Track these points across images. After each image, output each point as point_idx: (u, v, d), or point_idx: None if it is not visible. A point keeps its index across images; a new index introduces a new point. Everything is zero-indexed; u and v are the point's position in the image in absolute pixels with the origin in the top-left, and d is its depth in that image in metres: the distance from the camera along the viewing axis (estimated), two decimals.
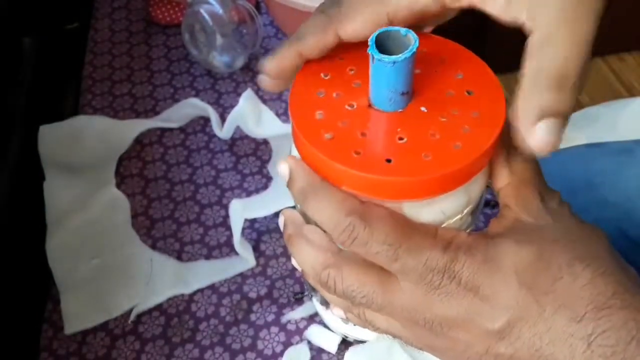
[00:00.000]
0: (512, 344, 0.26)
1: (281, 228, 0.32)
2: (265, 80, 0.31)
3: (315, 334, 0.45)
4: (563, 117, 0.25)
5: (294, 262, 0.32)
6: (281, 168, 0.29)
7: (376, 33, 0.27)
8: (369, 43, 0.27)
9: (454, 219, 0.30)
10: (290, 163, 0.29)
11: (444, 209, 0.29)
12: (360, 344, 0.43)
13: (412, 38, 0.27)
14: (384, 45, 0.27)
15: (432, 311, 0.27)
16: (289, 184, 0.29)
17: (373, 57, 0.27)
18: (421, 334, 0.28)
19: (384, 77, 0.27)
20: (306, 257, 0.29)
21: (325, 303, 0.42)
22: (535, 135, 0.25)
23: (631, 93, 1.21)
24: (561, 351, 0.25)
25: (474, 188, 0.29)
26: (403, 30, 0.27)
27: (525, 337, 0.26)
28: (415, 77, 0.28)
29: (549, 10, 0.25)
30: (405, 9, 0.29)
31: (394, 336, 0.30)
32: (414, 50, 0.26)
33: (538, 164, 0.29)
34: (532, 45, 0.26)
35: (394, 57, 0.26)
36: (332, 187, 0.27)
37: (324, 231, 0.29)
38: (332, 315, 0.41)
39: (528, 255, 0.26)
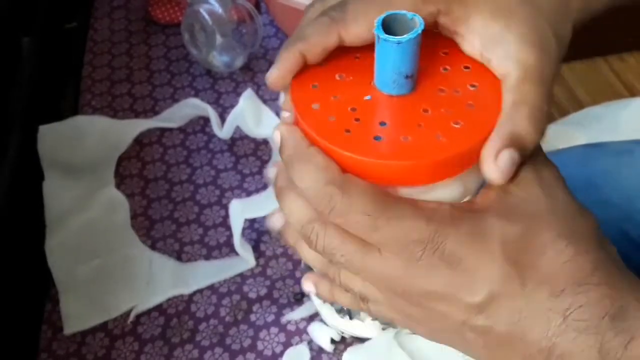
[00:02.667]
0: (490, 316, 0.26)
1: (269, 177, 0.31)
2: (272, 85, 0.31)
3: (313, 330, 0.45)
4: (527, 151, 0.27)
5: (276, 217, 0.32)
6: (274, 134, 0.29)
7: (383, 15, 0.27)
8: (376, 24, 0.27)
9: None
10: (281, 130, 0.29)
11: (439, 197, 0.29)
12: (359, 344, 0.43)
13: (418, 21, 0.27)
14: (390, 28, 0.27)
15: (412, 282, 0.27)
16: (280, 151, 0.29)
17: (378, 37, 0.27)
18: (397, 302, 0.28)
19: (388, 57, 0.27)
20: (294, 209, 0.29)
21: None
22: (500, 160, 0.27)
23: (632, 93, 1.21)
24: (538, 324, 0.26)
25: (471, 179, 0.29)
26: (409, 13, 0.27)
27: (504, 311, 0.26)
28: (420, 66, 0.29)
29: (524, 61, 0.28)
30: None
31: (367, 300, 0.30)
32: (420, 32, 0.26)
33: (534, 136, 0.29)
34: (510, 86, 0.28)
35: (398, 37, 0.26)
36: (318, 154, 0.27)
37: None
38: (330, 311, 0.41)
39: (514, 231, 0.26)
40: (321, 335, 0.44)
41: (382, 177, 0.27)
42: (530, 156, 0.28)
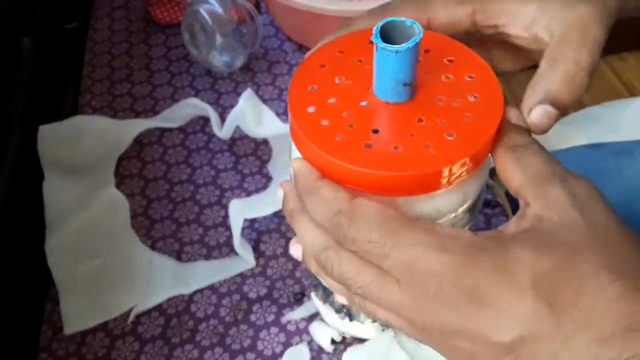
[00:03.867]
0: (520, 359, 0.23)
1: (279, 201, 0.31)
2: None
3: (313, 330, 0.45)
4: (561, 108, 0.28)
5: (292, 244, 0.31)
6: (291, 169, 0.30)
7: (381, 23, 0.27)
8: (374, 32, 0.27)
9: (448, 217, 0.29)
10: (293, 164, 0.29)
11: (438, 205, 0.28)
12: (359, 344, 0.43)
13: (417, 29, 0.27)
14: (390, 36, 0.27)
15: (430, 316, 0.25)
16: (295, 183, 0.29)
17: (377, 46, 0.27)
18: (422, 335, 0.26)
19: (386, 66, 0.27)
20: (307, 236, 0.28)
21: (324, 298, 0.42)
22: (532, 114, 0.27)
23: (632, 93, 1.21)
24: None
25: (471, 186, 0.29)
26: (409, 21, 0.27)
27: (538, 355, 0.23)
28: (420, 75, 0.29)
29: (564, 22, 0.29)
30: (443, 17, 0.31)
31: (397, 330, 0.28)
32: (418, 40, 0.26)
33: (551, 155, 0.27)
34: (550, 47, 0.29)
35: (397, 46, 0.26)
36: (327, 185, 0.27)
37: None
38: (330, 312, 0.41)
39: (547, 264, 0.23)
40: (322, 335, 0.44)
41: (369, 186, 0.27)
42: (550, 173, 0.26)
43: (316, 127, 0.28)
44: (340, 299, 0.30)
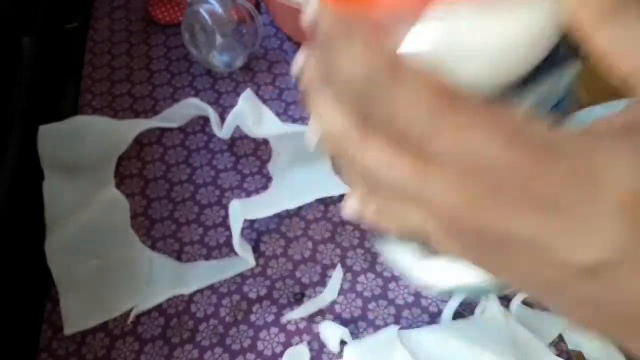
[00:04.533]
0: (605, 286, 0.19)
1: (297, 69, 0.24)
2: None
3: (322, 329, 0.45)
4: None
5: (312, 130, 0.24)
6: (306, 11, 0.22)
7: None
8: None
9: (524, 51, 0.21)
10: (314, 4, 0.22)
11: (508, 31, 0.20)
12: (360, 340, 0.43)
13: None
14: None
15: (483, 219, 0.19)
16: (315, 32, 0.22)
17: None
18: (464, 246, 0.21)
19: None
20: (326, 111, 0.22)
21: (419, 254, 0.31)
22: None
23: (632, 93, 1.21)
24: None
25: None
26: None
27: (626, 286, 0.18)
28: None
29: None
30: None
31: (428, 239, 0.22)
32: None
33: None
34: None
35: None
36: (364, 35, 0.20)
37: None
38: (423, 265, 0.32)
39: None
40: (331, 335, 0.44)
41: None
42: None
43: None
44: (351, 205, 0.24)
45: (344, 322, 0.46)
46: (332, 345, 0.44)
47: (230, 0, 0.61)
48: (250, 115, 0.54)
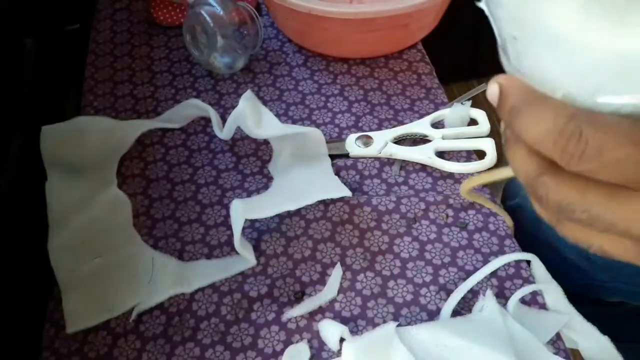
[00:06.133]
0: None
1: (493, 101, 0.25)
2: None
3: (322, 327, 0.45)
4: None
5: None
6: (491, 88, 0.24)
7: None
8: None
9: None
10: (500, 80, 0.24)
11: None
12: (358, 336, 0.43)
13: None
14: None
15: None
16: (499, 105, 0.24)
17: None
18: None
19: None
20: (518, 162, 0.24)
21: None
22: None
23: None
24: None
25: None
26: None
27: None
28: None
29: None
30: None
31: (627, 259, 0.24)
32: None
33: None
34: None
35: None
36: (549, 98, 0.21)
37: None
38: None
39: None
40: (331, 333, 0.44)
41: None
42: None
43: None
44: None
45: (344, 320, 0.46)
46: (332, 343, 0.44)
47: (231, 2, 0.61)
48: (251, 116, 0.54)
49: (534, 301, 0.47)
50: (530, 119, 0.22)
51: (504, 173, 0.28)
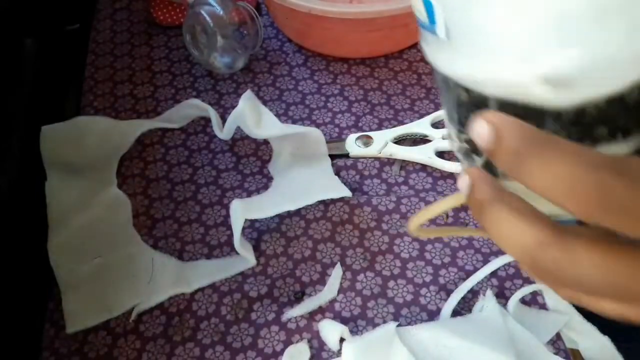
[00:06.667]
0: None
1: (462, 189, 0.22)
2: None
3: (322, 327, 0.45)
4: None
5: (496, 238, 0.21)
6: (478, 127, 0.20)
7: None
8: None
9: None
10: (490, 118, 0.20)
11: None
12: (358, 336, 0.43)
13: None
14: None
15: None
16: (495, 148, 0.20)
17: None
18: None
19: None
20: (512, 232, 0.20)
21: None
22: None
23: None
24: None
25: None
26: None
27: None
28: None
29: None
30: None
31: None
32: None
33: None
34: None
35: None
36: (561, 139, 0.18)
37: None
38: None
39: None
40: (331, 333, 0.44)
41: None
42: None
43: None
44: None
45: (344, 320, 0.46)
46: (332, 343, 0.44)
47: (231, 2, 0.61)
48: (251, 116, 0.54)
49: (534, 301, 0.47)
50: (539, 164, 0.18)
51: (453, 201, 0.26)
